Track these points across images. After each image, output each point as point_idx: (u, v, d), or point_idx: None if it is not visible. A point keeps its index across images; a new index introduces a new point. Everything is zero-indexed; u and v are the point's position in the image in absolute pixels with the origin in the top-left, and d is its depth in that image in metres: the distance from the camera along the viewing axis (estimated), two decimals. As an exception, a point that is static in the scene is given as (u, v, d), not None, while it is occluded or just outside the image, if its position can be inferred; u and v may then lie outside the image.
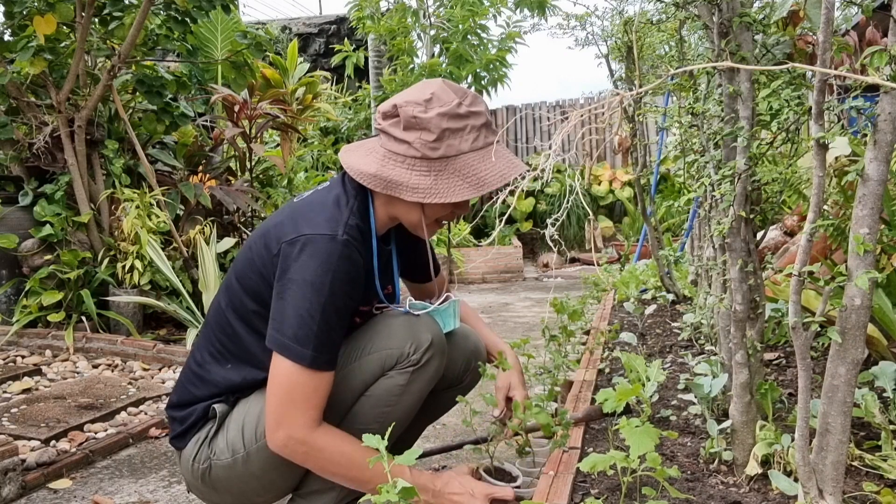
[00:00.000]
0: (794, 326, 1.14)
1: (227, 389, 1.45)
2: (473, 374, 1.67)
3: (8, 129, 3.71)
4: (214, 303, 1.51)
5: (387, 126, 1.38)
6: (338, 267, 1.29)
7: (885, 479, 1.37)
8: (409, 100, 1.36)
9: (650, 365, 1.72)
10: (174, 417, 1.50)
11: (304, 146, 6.85)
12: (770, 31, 1.47)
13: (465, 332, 1.67)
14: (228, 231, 4.44)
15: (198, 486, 1.48)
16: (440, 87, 1.38)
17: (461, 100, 1.36)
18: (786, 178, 1.67)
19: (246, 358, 1.44)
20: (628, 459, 1.17)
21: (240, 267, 1.44)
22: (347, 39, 8.70)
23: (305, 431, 1.31)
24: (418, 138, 1.33)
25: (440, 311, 1.56)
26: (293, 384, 1.29)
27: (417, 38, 8.06)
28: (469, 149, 1.35)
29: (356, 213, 1.39)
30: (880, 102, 1.06)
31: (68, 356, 3.41)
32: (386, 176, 1.35)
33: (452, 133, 1.34)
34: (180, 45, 4.20)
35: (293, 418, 1.30)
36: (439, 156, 1.34)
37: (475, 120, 1.36)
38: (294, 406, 1.30)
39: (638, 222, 7.77)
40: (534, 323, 4.46)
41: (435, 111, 1.33)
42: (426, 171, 1.34)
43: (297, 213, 1.39)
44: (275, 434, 1.30)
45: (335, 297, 1.29)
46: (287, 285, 1.30)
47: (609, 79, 4.07)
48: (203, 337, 1.52)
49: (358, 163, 1.39)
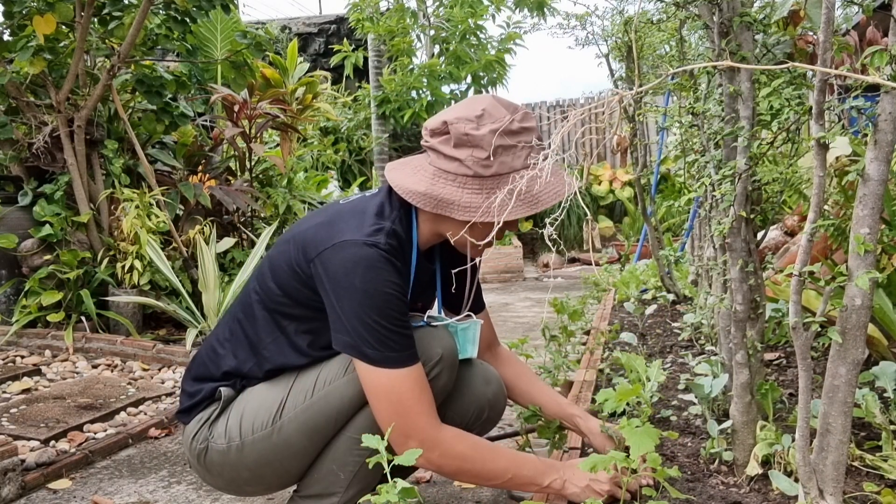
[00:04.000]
0: (795, 326, 1.13)
1: (236, 372, 1.46)
2: (486, 425, 1.60)
3: (7, 128, 3.70)
4: (247, 283, 1.52)
5: (436, 143, 1.35)
6: (383, 269, 1.28)
7: (886, 480, 1.37)
8: (460, 116, 1.33)
9: (650, 365, 1.72)
10: (185, 390, 1.51)
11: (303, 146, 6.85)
12: (770, 30, 1.47)
13: (488, 376, 1.58)
14: (228, 231, 4.44)
15: (195, 464, 1.49)
16: (491, 103, 1.35)
17: (513, 116, 1.33)
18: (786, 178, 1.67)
19: (255, 342, 1.44)
20: (629, 460, 1.17)
21: (274, 256, 1.45)
22: (347, 39, 8.70)
23: (434, 431, 1.30)
24: (470, 155, 1.31)
25: (458, 329, 1.51)
26: (396, 391, 1.29)
27: (417, 38, 8.06)
28: (522, 165, 1.32)
29: (399, 224, 1.37)
30: (881, 102, 1.05)
31: (68, 356, 3.41)
32: (437, 195, 1.32)
33: (505, 150, 1.31)
34: (180, 45, 4.19)
35: (416, 424, 1.29)
36: (492, 173, 1.31)
37: (527, 136, 1.34)
38: (410, 412, 1.29)
39: (638, 222, 7.77)
40: (534, 323, 4.46)
41: (487, 127, 1.31)
42: (478, 189, 1.32)
43: (339, 216, 1.38)
44: (406, 447, 1.27)
45: (389, 299, 1.28)
46: (340, 293, 1.29)
47: (609, 78, 4.07)
48: (229, 311, 1.53)
49: (406, 181, 1.36)
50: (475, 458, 1.34)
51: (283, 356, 1.42)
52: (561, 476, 1.37)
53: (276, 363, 1.43)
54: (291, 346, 1.42)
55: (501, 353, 1.76)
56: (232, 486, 1.49)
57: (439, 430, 1.32)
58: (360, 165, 8.30)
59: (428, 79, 7.64)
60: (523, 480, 1.37)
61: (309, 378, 1.40)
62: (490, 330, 1.72)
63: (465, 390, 1.52)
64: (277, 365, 1.43)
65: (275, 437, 1.39)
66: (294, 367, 1.42)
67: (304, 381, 1.40)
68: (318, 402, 1.38)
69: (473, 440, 1.37)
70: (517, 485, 1.39)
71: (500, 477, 1.36)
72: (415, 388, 1.30)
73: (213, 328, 1.56)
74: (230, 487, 1.50)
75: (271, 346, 1.42)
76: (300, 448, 1.40)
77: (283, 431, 1.38)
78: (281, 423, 1.38)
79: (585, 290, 4.70)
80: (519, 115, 1.34)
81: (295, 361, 1.42)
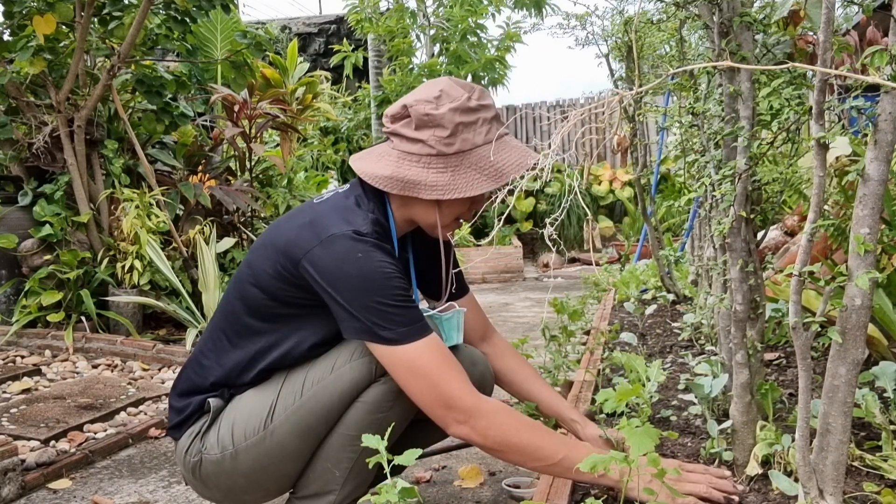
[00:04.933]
0: (795, 326, 1.13)
1: (224, 381, 1.45)
2: None
3: (7, 128, 3.70)
4: (225, 294, 1.52)
5: (397, 127, 1.38)
6: (375, 252, 1.30)
7: (886, 480, 1.37)
8: (419, 98, 1.36)
9: (650, 365, 1.71)
10: (173, 406, 1.50)
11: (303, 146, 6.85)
12: (770, 30, 1.47)
13: (474, 357, 1.57)
14: (228, 231, 4.44)
15: (190, 479, 1.48)
16: (447, 83, 1.39)
17: (470, 94, 1.37)
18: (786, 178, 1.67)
19: (240, 349, 1.43)
20: (628, 460, 1.17)
21: (254, 261, 1.44)
22: (347, 39, 8.71)
23: (472, 398, 1.28)
24: (432, 135, 1.34)
25: (441, 320, 1.51)
26: (418, 363, 1.27)
27: (416, 38, 8.07)
28: (483, 141, 1.35)
29: (377, 213, 1.40)
30: (881, 102, 1.05)
31: (68, 356, 3.41)
32: (402, 176, 1.34)
33: (466, 127, 1.35)
34: (180, 45, 4.19)
35: (450, 392, 1.27)
36: (455, 151, 1.34)
37: (486, 113, 1.37)
38: (440, 381, 1.27)
39: (638, 222, 7.77)
40: (534, 323, 4.46)
41: (446, 107, 1.34)
42: (443, 168, 1.34)
43: (320, 215, 1.38)
44: (450, 422, 1.25)
45: (387, 277, 1.29)
46: (338, 285, 1.29)
47: (609, 78, 4.07)
48: (210, 324, 1.53)
49: (371, 167, 1.38)
50: (522, 431, 1.29)
51: (270, 360, 1.41)
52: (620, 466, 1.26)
53: (262, 367, 1.42)
54: (278, 349, 1.41)
55: (498, 344, 1.72)
56: (230, 497, 1.47)
57: (478, 398, 1.29)
58: (360, 165, 8.29)
59: (428, 78, 7.65)
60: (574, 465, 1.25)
61: (297, 379, 1.40)
62: (480, 318, 1.70)
63: None
64: (264, 369, 1.42)
65: (268, 441, 1.38)
66: (281, 369, 1.42)
67: (292, 383, 1.40)
68: (308, 402, 1.37)
69: (518, 414, 1.34)
70: (567, 469, 1.28)
71: (549, 457, 1.28)
72: (437, 357, 1.29)
73: (195, 347, 1.55)
74: (228, 498, 1.48)
75: (257, 352, 1.41)
76: (294, 449, 1.39)
77: (275, 435, 1.38)
78: (273, 427, 1.38)
79: (585, 290, 4.70)
80: (476, 94, 1.38)
81: (282, 364, 1.41)
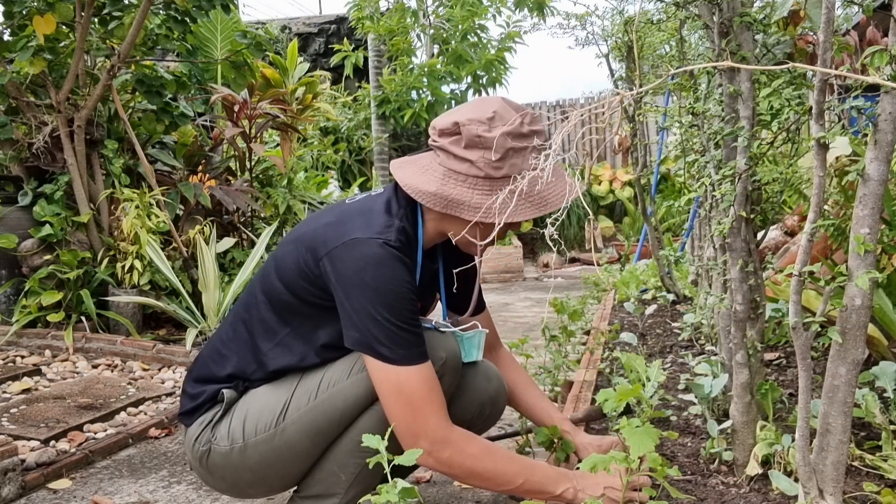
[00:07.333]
0: (795, 326, 1.13)
1: (239, 374, 1.45)
2: (487, 422, 1.61)
3: (7, 128, 3.70)
4: (250, 284, 1.52)
5: (446, 143, 1.36)
6: (394, 267, 1.29)
7: (886, 480, 1.37)
8: (472, 118, 1.34)
9: (650, 365, 1.71)
10: (187, 392, 1.50)
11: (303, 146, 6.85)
12: (770, 30, 1.47)
13: (489, 373, 1.59)
14: (228, 231, 4.44)
15: (196, 467, 1.48)
16: (501, 105, 1.37)
17: (522, 118, 1.35)
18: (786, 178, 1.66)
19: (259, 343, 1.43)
20: (628, 460, 1.17)
21: (280, 256, 1.44)
22: (347, 39, 8.70)
23: (444, 431, 1.30)
24: (481, 157, 1.33)
25: (463, 339, 1.52)
26: (406, 388, 1.28)
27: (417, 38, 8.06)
28: (531, 168, 1.33)
29: (406, 221, 1.39)
30: (881, 102, 1.05)
31: (68, 356, 3.41)
32: (447, 195, 1.34)
33: (516, 153, 1.34)
34: (180, 45, 4.19)
35: (426, 422, 1.29)
36: (502, 175, 1.33)
37: (536, 138, 1.36)
38: (421, 411, 1.29)
39: (638, 222, 7.77)
40: (534, 323, 4.46)
41: (499, 130, 1.32)
42: (488, 191, 1.33)
43: (347, 216, 1.39)
44: (416, 447, 1.25)
45: (400, 297, 1.29)
46: (350, 290, 1.29)
47: (609, 78, 4.07)
48: (231, 313, 1.53)
49: (415, 180, 1.37)
50: (486, 460, 1.33)
51: (288, 357, 1.42)
52: (574, 485, 1.35)
53: (279, 364, 1.42)
54: (296, 348, 1.42)
55: (502, 355, 1.76)
56: (234, 489, 1.49)
57: (450, 430, 1.31)
58: (360, 165, 8.30)
59: (428, 78, 7.65)
60: (535, 487, 1.34)
61: (313, 380, 1.40)
62: (492, 333, 1.72)
63: (466, 387, 1.53)
64: (281, 366, 1.42)
65: (277, 438, 1.39)
66: (298, 368, 1.42)
67: (308, 383, 1.40)
68: (323, 404, 1.38)
69: (484, 443, 1.37)
70: (527, 492, 1.35)
71: (510, 482, 1.34)
72: (425, 386, 1.30)
73: (216, 329, 1.56)
74: (232, 490, 1.49)
75: (276, 348, 1.42)
76: (303, 450, 1.40)
77: (286, 433, 1.38)
78: (284, 425, 1.38)
79: (585, 290, 4.70)
80: (528, 118, 1.36)
81: (299, 363, 1.42)
